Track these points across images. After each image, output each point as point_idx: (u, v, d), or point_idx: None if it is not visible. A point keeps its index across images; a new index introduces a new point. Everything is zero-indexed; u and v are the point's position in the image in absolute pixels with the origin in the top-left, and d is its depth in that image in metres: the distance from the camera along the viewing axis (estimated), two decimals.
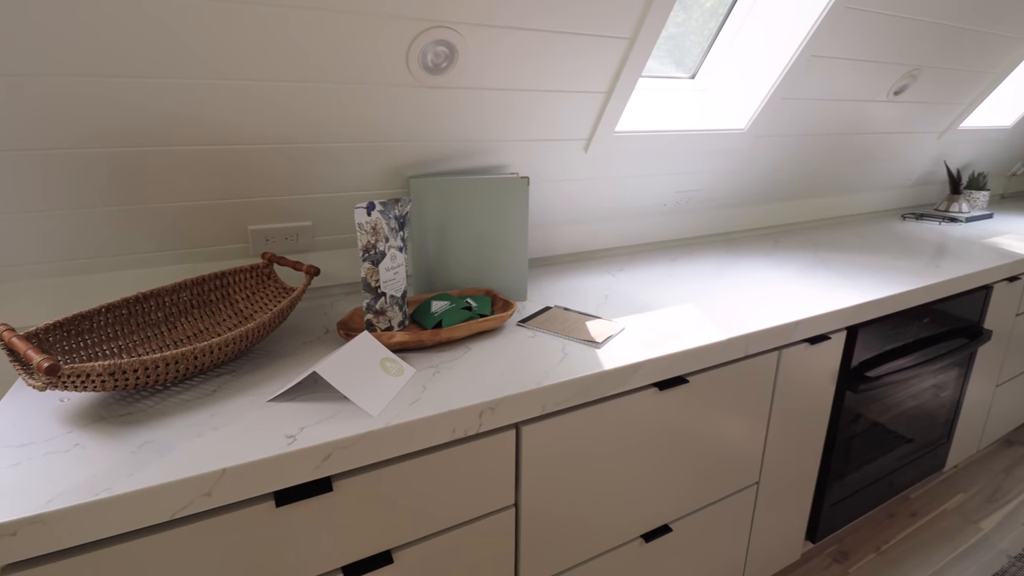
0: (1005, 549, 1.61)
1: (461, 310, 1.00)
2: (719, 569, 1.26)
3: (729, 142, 1.59)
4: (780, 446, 1.25)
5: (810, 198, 2.07)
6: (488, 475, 0.83)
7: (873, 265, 1.53)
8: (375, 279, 0.94)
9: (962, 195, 2.20)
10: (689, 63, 1.64)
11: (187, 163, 0.97)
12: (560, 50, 1.13)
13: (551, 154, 1.35)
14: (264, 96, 0.94)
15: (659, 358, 0.95)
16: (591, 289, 1.30)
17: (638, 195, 1.60)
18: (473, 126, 1.18)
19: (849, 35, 1.47)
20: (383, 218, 0.94)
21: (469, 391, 0.80)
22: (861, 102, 1.74)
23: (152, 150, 0.93)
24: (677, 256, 1.62)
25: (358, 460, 0.71)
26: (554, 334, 1.02)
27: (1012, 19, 1.71)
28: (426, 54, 1.03)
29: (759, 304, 1.21)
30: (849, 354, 1.29)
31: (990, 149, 2.47)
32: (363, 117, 1.06)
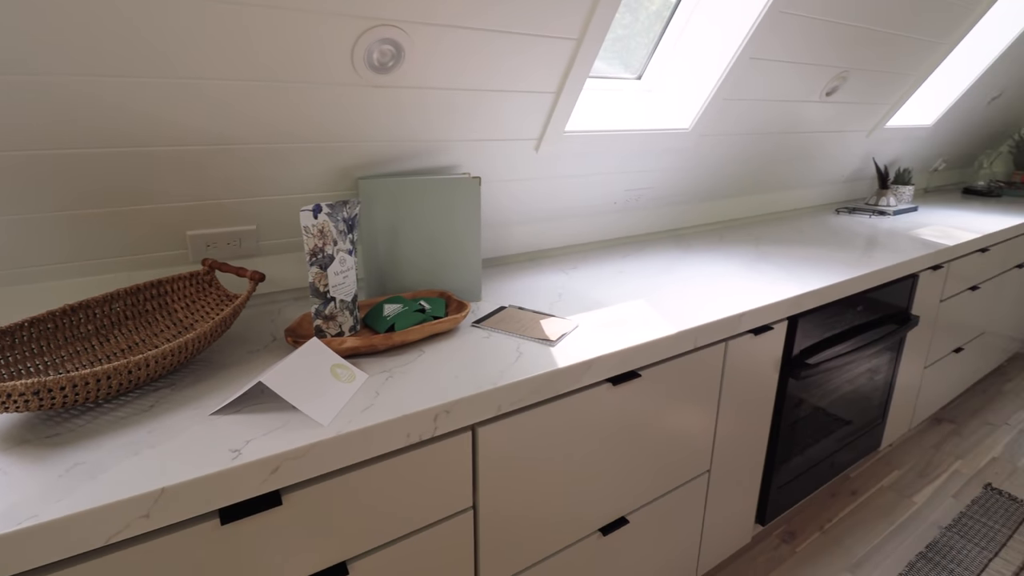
0: (936, 521, 1.72)
1: (414, 313, 0.99)
2: (675, 557, 1.29)
3: (675, 141, 1.64)
4: (729, 434, 1.30)
5: (752, 194, 2.15)
6: (445, 479, 0.82)
7: (811, 257, 1.60)
8: (324, 283, 0.91)
9: (889, 190, 2.34)
10: (636, 64, 1.68)
11: (119, 165, 0.92)
12: (508, 50, 1.13)
13: (502, 154, 1.35)
14: (204, 94, 0.90)
15: (612, 354, 0.97)
16: (545, 288, 1.31)
17: (589, 194, 1.62)
18: (422, 126, 1.17)
19: (784, 38, 1.54)
20: (331, 221, 0.92)
21: (424, 395, 0.79)
22: (797, 102, 1.83)
23: (79, 152, 0.88)
24: (629, 253, 1.65)
25: (308, 471, 0.69)
26: (509, 334, 1.02)
27: (930, 25, 1.83)
28: (371, 53, 1.01)
29: (706, 298, 1.25)
30: (791, 343, 1.35)
31: (914, 146, 2.64)
32: (310, 117, 1.03)
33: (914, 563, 1.54)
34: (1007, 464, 2.00)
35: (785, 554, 1.59)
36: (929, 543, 1.62)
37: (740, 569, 1.53)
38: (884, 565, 1.54)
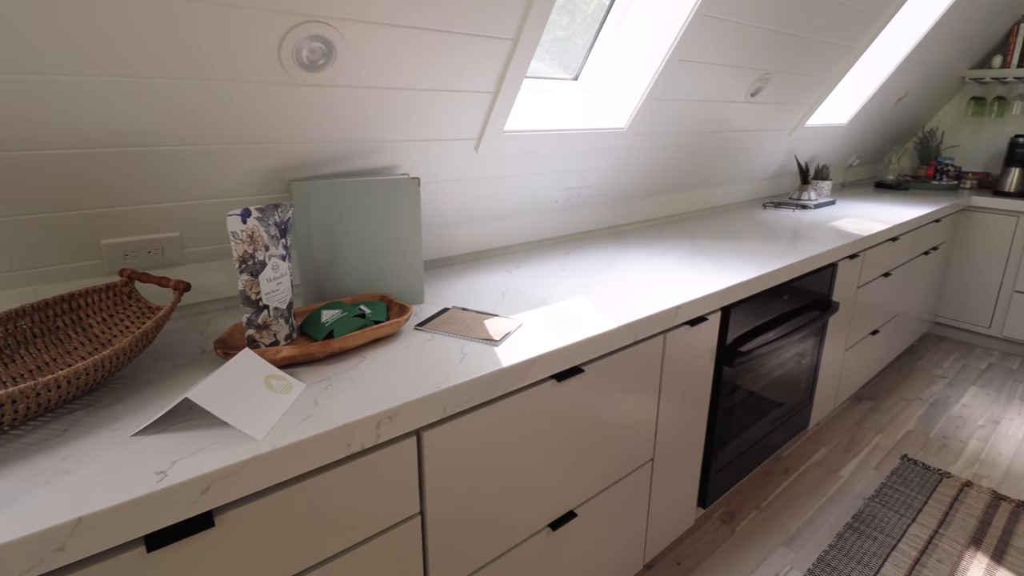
0: (861, 492, 1.85)
1: (354, 318, 0.96)
2: (623, 545, 1.32)
3: (612, 140, 1.67)
4: (670, 423, 1.35)
5: (687, 191, 2.23)
6: (390, 486, 0.81)
7: (741, 250, 1.68)
8: (255, 291, 0.88)
9: (810, 185, 2.49)
10: (575, 65, 1.70)
11: (25, 169, 0.84)
12: (444, 49, 1.12)
13: (442, 154, 1.34)
14: (120, 93, 0.84)
15: (556, 351, 0.98)
16: (489, 287, 1.31)
17: (530, 193, 1.63)
18: (357, 126, 1.14)
19: (710, 41, 1.60)
20: (261, 225, 0.88)
21: (365, 402, 0.78)
22: (724, 103, 1.91)
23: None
24: (570, 251, 1.68)
25: (243, 489, 0.66)
26: (452, 335, 1.02)
27: (842, 30, 1.96)
28: (301, 50, 0.98)
29: (645, 292, 1.28)
30: (724, 332, 1.42)
31: (831, 144, 2.82)
32: (236, 117, 0.98)
33: (842, 533, 1.65)
34: (921, 436, 2.17)
35: (726, 534, 1.66)
36: (855, 514, 1.74)
37: (685, 552, 1.59)
38: (816, 537, 1.64)
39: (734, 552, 1.59)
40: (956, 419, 2.29)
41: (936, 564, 1.54)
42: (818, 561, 1.55)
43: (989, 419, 2.29)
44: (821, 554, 1.57)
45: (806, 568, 1.53)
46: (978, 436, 2.17)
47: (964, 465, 1.99)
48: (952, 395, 2.48)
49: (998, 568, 1.52)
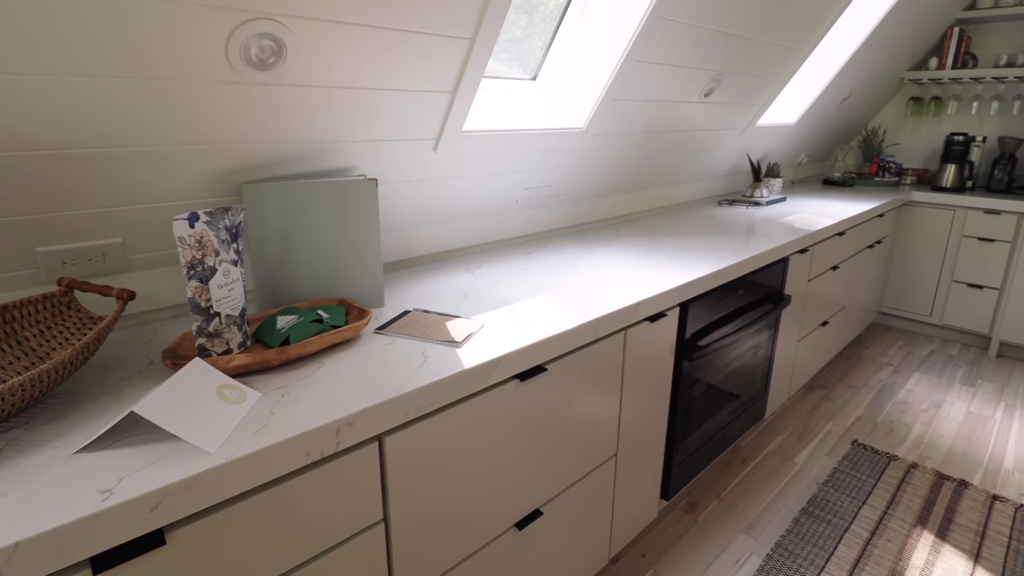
0: (815, 478, 1.93)
1: (311, 323, 0.94)
2: (588, 541, 1.34)
3: (571, 140, 1.69)
4: (633, 418, 1.37)
5: (645, 190, 2.27)
6: (352, 494, 0.79)
7: (697, 247, 1.73)
8: (206, 298, 0.84)
9: (762, 182, 2.58)
10: (534, 66, 1.71)
11: None
12: (401, 48, 1.11)
13: (400, 154, 1.32)
14: (56, 93, 0.80)
15: (518, 350, 0.99)
16: (450, 289, 1.31)
17: (491, 193, 1.63)
18: (310, 126, 1.12)
19: (664, 43, 1.64)
20: (210, 229, 0.85)
21: (324, 409, 0.76)
22: (679, 103, 1.95)
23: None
24: (532, 250, 1.68)
25: (196, 504, 0.63)
26: (414, 338, 1.01)
27: (789, 33, 2.04)
28: (249, 48, 0.95)
29: (606, 290, 1.30)
30: (683, 327, 1.45)
31: (781, 143, 2.93)
32: (182, 117, 0.94)
33: (798, 518, 1.72)
34: (869, 421, 2.28)
35: (688, 524, 1.70)
36: (810, 499, 1.81)
37: (649, 544, 1.62)
38: (773, 523, 1.70)
39: (696, 541, 1.63)
40: (901, 404, 2.41)
41: (886, 544, 1.61)
42: (776, 546, 1.60)
43: (932, 403, 2.42)
44: (779, 539, 1.63)
45: (765, 553, 1.58)
46: (922, 420, 2.29)
47: (910, 448, 2.09)
48: (897, 381, 2.61)
49: (943, 544, 1.61)
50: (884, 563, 1.54)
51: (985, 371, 2.72)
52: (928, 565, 1.54)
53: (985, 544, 1.61)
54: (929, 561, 1.55)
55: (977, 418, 2.30)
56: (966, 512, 1.74)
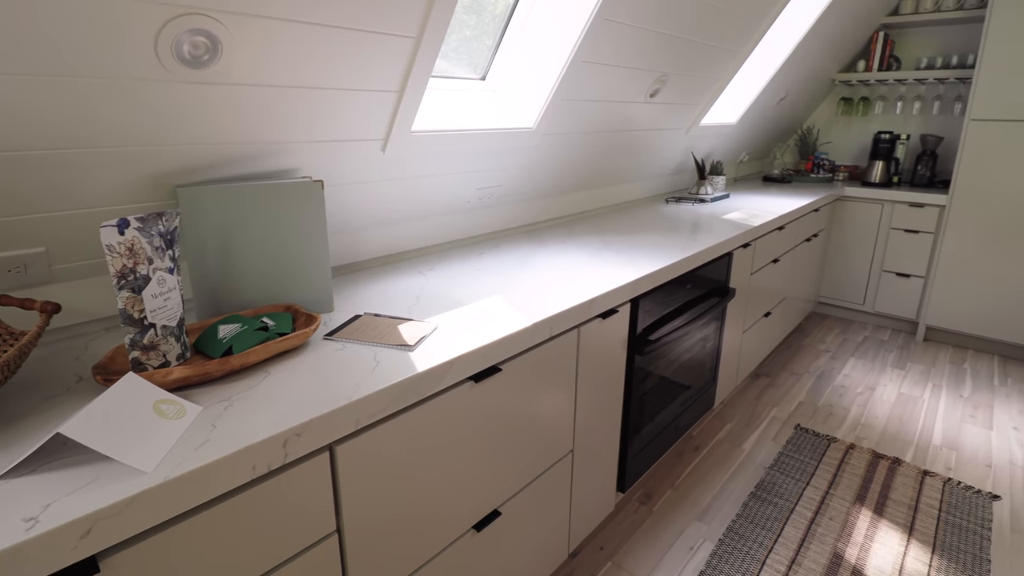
0: (762, 463, 2.01)
1: (255, 332, 0.91)
2: (547, 537, 1.35)
3: (521, 140, 1.70)
4: (588, 413, 1.39)
5: (596, 188, 2.31)
6: (303, 506, 0.77)
7: (647, 244, 1.77)
8: (139, 309, 0.80)
9: (707, 180, 2.67)
10: (484, 65, 1.70)
11: None
12: (343, 46, 1.08)
13: (347, 155, 1.29)
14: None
15: (472, 351, 0.98)
16: (402, 291, 1.29)
17: (442, 193, 1.62)
18: (251, 126, 1.07)
19: (610, 44, 1.67)
20: (143, 236, 0.81)
21: (270, 420, 0.73)
22: (626, 103, 1.99)
23: None
24: (485, 250, 1.68)
25: (132, 528, 0.60)
26: (365, 343, 0.99)
27: (729, 36, 2.11)
28: (181, 45, 0.90)
29: (559, 288, 1.32)
30: (634, 323, 1.48)
31: (723, 142, 3.03)
32: (109, 117, 0.89)
33: (747, 503, 1.79)
34: (810, 406, 2.40)
35: (644, 514, 1.75)
36: (757, 483, 1.89)
37: (607, 536, 1.65)
38: (724, 509, 1.77)
39: (653, 531, 1.67)
40: (839, 388, 2.54)
41: (828, 522, 1.70)
42: (727, 530, 1.66)
43: (866, 386, 2.57)
44: (730, 524, 1.69)
45: (717, 538, 1.64)
46: (858, 402, 2.42)
47: (848, 429, 2.22)
48: (835, 367, 2.76)
49: (880, 519, 1.72)
50: (827, 541, 1.63)
51: (914, 354, 2.91)
52: (867, 540, 1.63)
53: (918, 517, 1.73)
54: (868, 536, 1.65)
55: (907, 399, 2.45)
56: (900, 488, 1.86)
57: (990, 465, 1.99)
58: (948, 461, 2.01)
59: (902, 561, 1.55)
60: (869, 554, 1.58)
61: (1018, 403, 2.42)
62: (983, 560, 1.56)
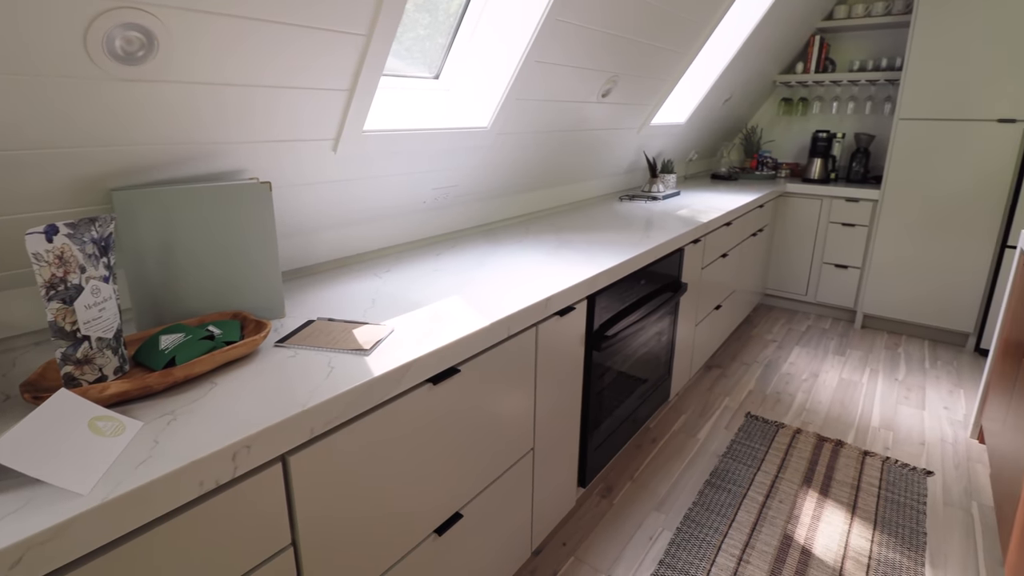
0: (715, 451, 2.08)
1: (200, 341, 0.87)
2: (510, 537, 1.36)
3: (476, 139, 1.69)
4: (548, 411, 1.40)
5: (551, 187, 2.33)
6: (255, 520, 0.75)
7: (602, 241, 1.80)
8: (71, 321, 0.75)
9: (658, 178, 2.73)
10: (438, 64, 1.69)
11: None
12: (289, 43, 1.05)
13: (296, 156, 1.25)
14: None
15: (429, 354, 0.97)
16: (357, 295, 1.26)
17: (397, 194, 1.59)
18: (192, 126, 1.03)
19: (562, 45, 1.68)
20: (74, 243, 0.76)
21: (218, 433, 0.71)
22: (580, 103, 2.02)
23: None
24: (442, 251, 1.67)
25: (68, 554, 0.56)
26: (318, 349, 0.96)
27: (676, 38, 2.17)
28: (113, 40, 0.86)
29: (517, 287, 1.32)
30: (591, 319, 1.51)
31: (673, 141, 3.12)
32: (33, 116, 0.83)
33: (703, 490, 1.84)
34: (760, 394, 2.49)
35: (605, 508, 1.78)
36: (712, 471, 1.95)
37: (569, 531, 1.67)
38: (681, 498, 1.82)
39: (613, 523, 1.71)
40: (786, 376, 2.66)
41: (778, 505, 1.78)
42: (684, 519, 1.71)
43: (811, 373, 2.69)
44: (687, 512, 1.74)
45: (675, 527, 1.69)
46: (803, 389, 2.54)
47: (794, 415, 2.32)
48: (781, 356, 2.88)
49: (826, 500, 1.80)
50: (778, 523, 1.70)
51: (853, 341, 3.07)
52: (814, 520, 1.72)
53: (860, 495, 1.83)
54: (815, 516, 1.73)
55: (848, 383, 2.59)
56: (843, 468, 1.96)
57: (923, 443, 2.12)
58: (886, 441, 2.14)
59: (847, 539, 1.64)
60: (817, 533, 1.66)
61: (947, 384, 2.59)
62: (919, 533, 1.66)
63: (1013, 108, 2.62)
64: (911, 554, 1.59)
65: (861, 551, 1.59)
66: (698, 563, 1.54)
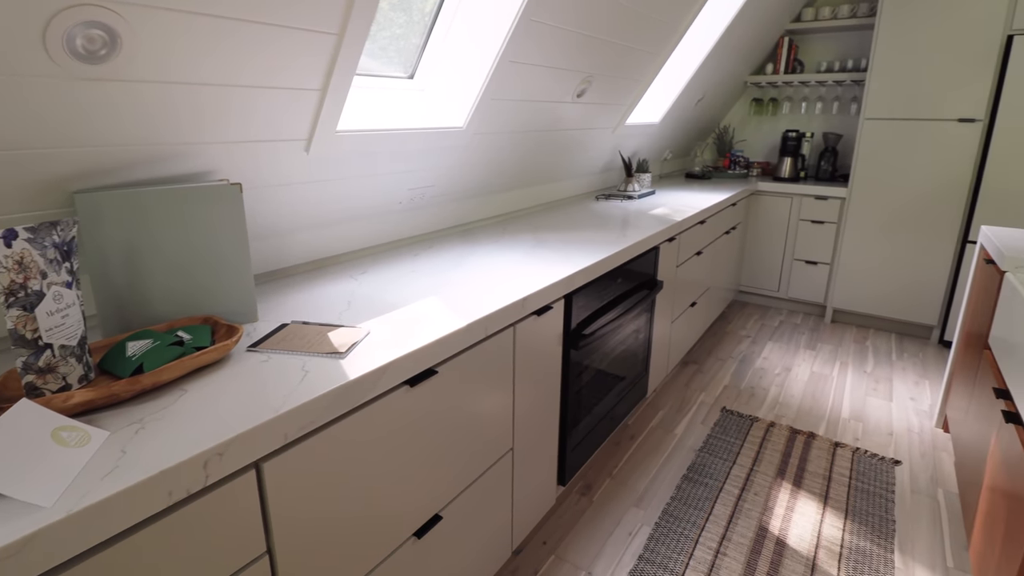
0: (692, 446, 2.11)
1: (169, 347, 0.85)
2: (491, 537, 1.36)
3: (452, 139, 1.69)
4: (526, 410, 1.41)
5: (528, 187, 2.33)
6: (229, 529, 0.73)
7: (579, 240, 1.81)
8: (32, 329, 0.73)
9: (634, 177, 2.76)
10: (413, 64, 1.68)
11: None
12: (259, 42, 1.03)
13: (268, 156, 1.23)
14: None
15: (406, 355, 0.97)
16: (333, 297, 1.25)
17: (372, 195, 1.58)
18: (159, 126, 1.00)
19: (537, 45, 1.69)
20: (34, 248, 0.74)
21: (188, 441, 0.69)
22: (555, 103, 2.03)
23: None
24: (419, 252, 1.66)
25: (31, 569, 0.55)
26: (292, 353, 0.95)
27: (649, 39, 2.19)
28: (74, 38, 0.83)
29: (494, 287, 1.32)
30: (569, 318, 1.51)
31: (648, 140, 3.15)
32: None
33: (680, 485, 1.87)
34: (734, 389, 2.54)
35: (584, 505, 1.79)
36: (689, 465, 1.98)
37: (549, 530, 1.68)
38: (660, 493, 1.84)
39: (593, 521, 1.72)
40: (759, 371, 2.71)
41: (754, 497, 1.81)
42: (663, 514, 1.73)
43: (783, 367, 2.75)
44: (665, 507, 1.77)
45: (654, 522, 1.71)
46: (776, 383, 2.59)
47: (768, 409, 2.37)
48: (755, 351, 2.94)
49: (799, 491, 1.85)
50: (753, 515, 1.73)
51: (823, 335, 3.15)
52: (788, 511, 1.75)
53: (832, 486, 1.87)
54: (789, 507, 1.77)
55: (819, 377, 2.65)
56: (815, 460, 2.01)
57: (891, 433, 2.19)
58: (856, 432, 2.20)
59: (819, 528, 1.68)
60: (791, 524, 1.70)
61: (913, 375, 2.67)
62: (888, 521, 1.72)
63: (972, 108, 2.71)
64: (881, 541, 1.63)
65: (833, 540, 1.64)
66: (676, 556, 1.57)
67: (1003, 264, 1.67)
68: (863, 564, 1.55)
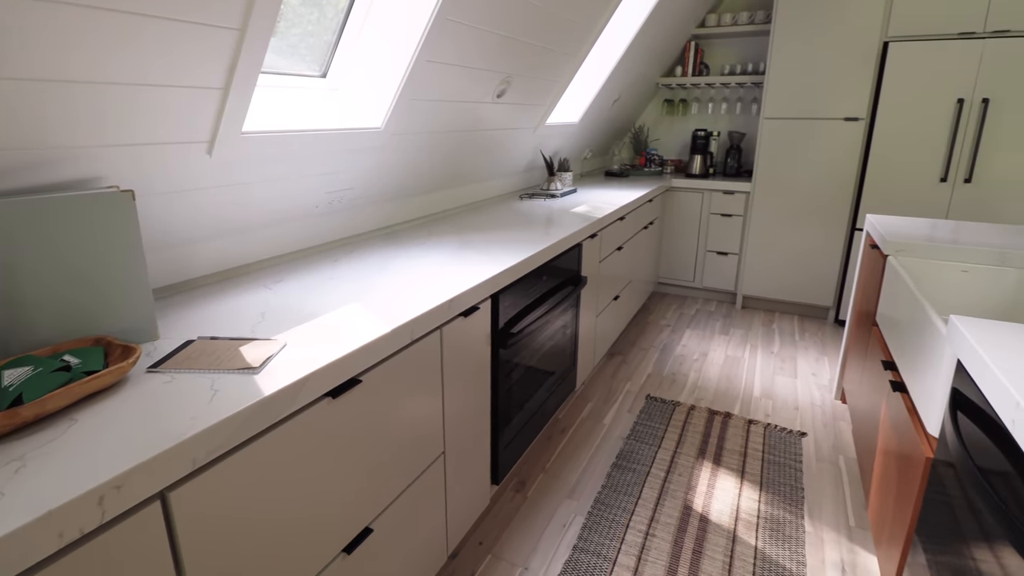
0: (620, 434, 2.18)
1: (52, 374, 0.77)
2: (425, 544, 1.34)
3: (369, 140, 1.64)
4: (456, 413, 1.40)
5: (452, 188, 2.32)
6: (133, 567, 0.67)
7: (504, 240, 1.82)
8: None
9: (555, 176, 2.82)
10: (325, 62, 1.61)
11: None
12: (151, 37, 0.95)
13: (165, 160, 1.14)
14: None
15: (326, 366, 0.93)
16: (245, 308, 1.18)
17: (286, 199, 1.51)
18: (35, 129, 0.90)
19: (454, 44, 1.68)
20: None
21: (79, 475, 0.63)
22: (474, 103, 2.02)
23: None
24: (339, 257, 1.60)
25: None
26: (199, 371, 0.89)
27: (565, 40, 2.24)
28: None
29: (420, 290, 1.30)
30: (496, 317, 1.52)
31: (568, 140, 3.22)
32: None
33: (610, 473, 1.93)
34: (657, 376, 2.66)
35: (519, 502, 1.81)
36: (618, 453, 2.05)
37: (485, 530, 1.69)
38: (591, 483, 1.90)
39: (528, 517, 1.74)
40: (679, 358, 2.86)
41: (678, 479, 1.91)
42: (595, 502, 1.79)
43: (700, 353, 2.91)
44: (597, 495, 1.82)
45: (586, 512, 1.76)
46: (695, 368, 2.74)
47: (688, 393, 2.50)
48: (674, 339, 3.09)
49: (718, 468, 1.96)
50: (678, 495, 1.82)
51: (735, 321, 3.36)
52: (710, 488, 1.86)
53: (747, 461, 2.00)
54: (710, 484, 1.88)
55: (733, 360, 2.83)
56: (732, 438, 2.14)
57: (797, 408, 2.37)
58: (767, 409, 2.36)
59: (738, 502, 1.80)
60: (712, 500, 1.80)
61: (814, 353, 2.91)
62: (798, 489, 1.86)
63: (856, 108, 2.99)
64: (792, 509, 1.77)
65: (750, 512, 1.75)
66: (609, 543, 1.62)
67: (886, 248, 1.85)
68: (778, 532, 1.67)
